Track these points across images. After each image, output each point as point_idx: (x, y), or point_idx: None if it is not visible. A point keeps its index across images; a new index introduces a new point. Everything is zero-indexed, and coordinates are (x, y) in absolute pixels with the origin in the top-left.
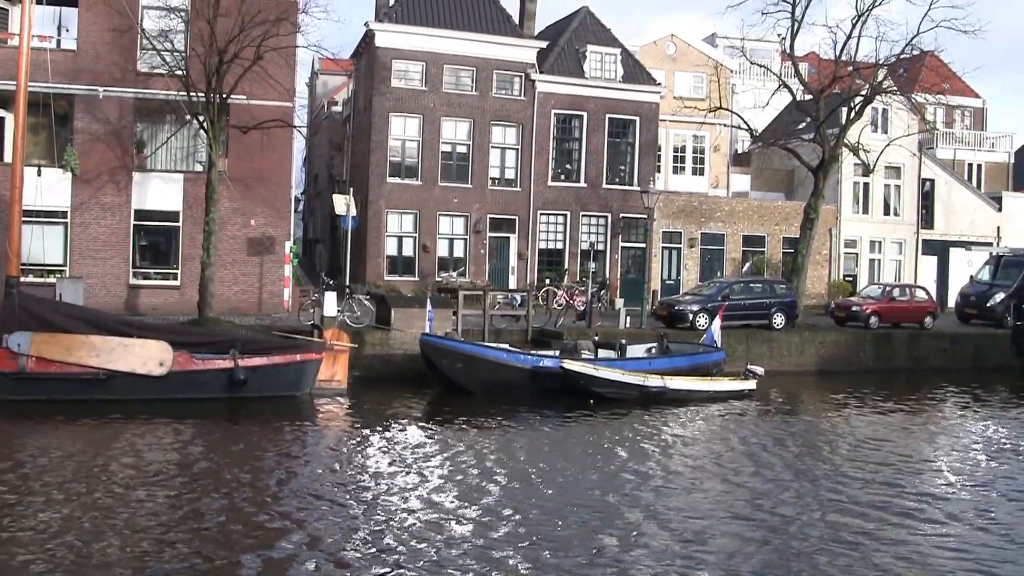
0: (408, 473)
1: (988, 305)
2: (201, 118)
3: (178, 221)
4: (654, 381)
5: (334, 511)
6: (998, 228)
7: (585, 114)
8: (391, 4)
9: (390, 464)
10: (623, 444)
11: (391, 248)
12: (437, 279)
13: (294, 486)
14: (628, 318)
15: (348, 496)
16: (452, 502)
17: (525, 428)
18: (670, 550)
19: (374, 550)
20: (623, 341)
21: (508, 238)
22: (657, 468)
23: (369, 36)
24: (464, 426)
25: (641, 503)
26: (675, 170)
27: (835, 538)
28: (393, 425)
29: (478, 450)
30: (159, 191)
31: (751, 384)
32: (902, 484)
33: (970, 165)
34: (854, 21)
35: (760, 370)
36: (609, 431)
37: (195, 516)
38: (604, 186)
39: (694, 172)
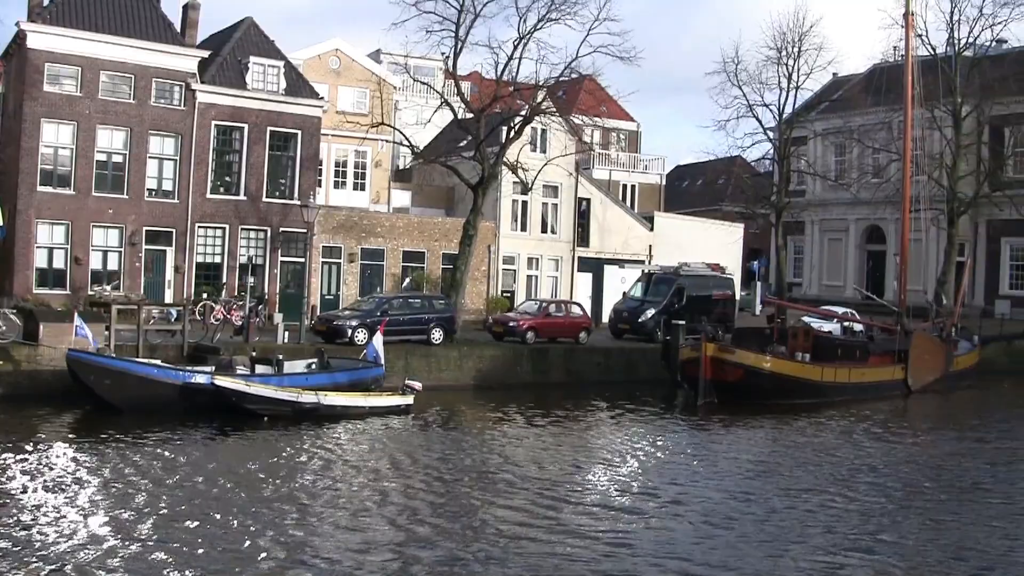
0: (48, 494)
1: (640, 321)
2: None
3: None
4: (308, 397)
5: None
6: (650, 246)
7: (246, 126)
8: (45, 4)
9: (23, 491)
10: (266, 462)
11: (41, 260)
12: (90, 292)
13: None
14: (287, 333)
15: None
16: (90, 526)
17: (168, 447)
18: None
19: None
20: (280, 357)
21: (165, 251)
22: (311, 484)
23: (21, 37)
24: (102, 446)
25: (286, 522)
26: (336, 185)
27: (485, 549)
28: (34, 446)
29: (118, 471)
30: None
31: (409, 399)
32: (550, 492)
33: (625, 186)
34: (516, 43)
35: (418, 385)
36: (254, 449)
37: None
38: (264, 199)
39: (355, 187)
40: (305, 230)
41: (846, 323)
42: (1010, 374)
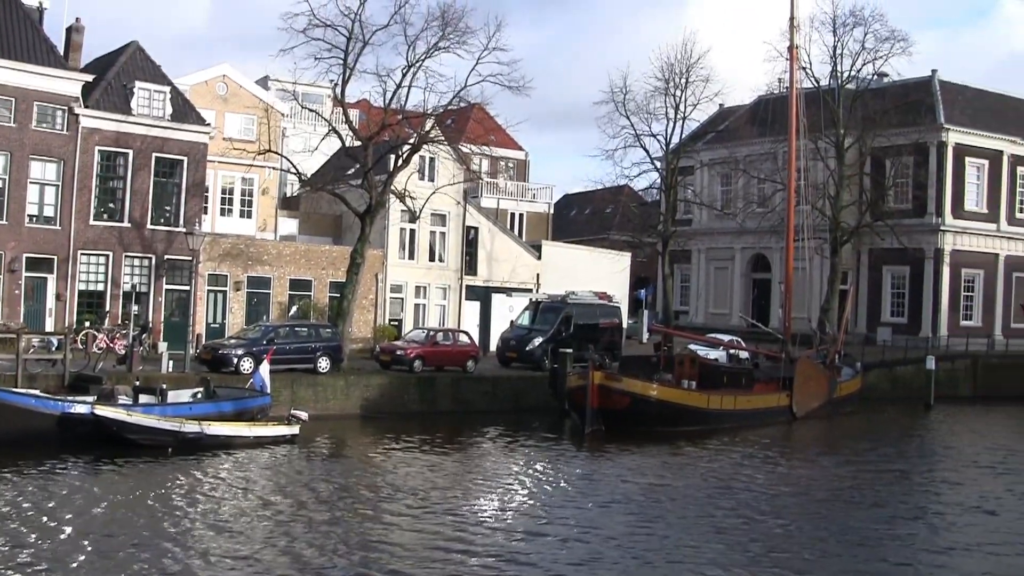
0: None
1: (527, 349)
2: None
3: None
4: (191, 427)
5: None
6: (538, 275)
7: (131, 152)
8: None
9: None
10: (141, 495)
11: None
12: None
13: None
14: (171, 362)
15: None
16: None
17: (43, 481)
18: None
19: None
20: (164, 386)
21: (46, 278)
22: (193, 513)
23: None
24: None
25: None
26: (223, 212)
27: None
28: None
29: None
30: None
31: (295, 429)
32: (436, 520)
33: (513, 214)
34: (405, 71)
35: (304, 415)
36: (129, 482)
37: None
38: (149, 226)
39: (242, 215)
40: (190, 258)
41: (732, 351)
42: (892, 400)
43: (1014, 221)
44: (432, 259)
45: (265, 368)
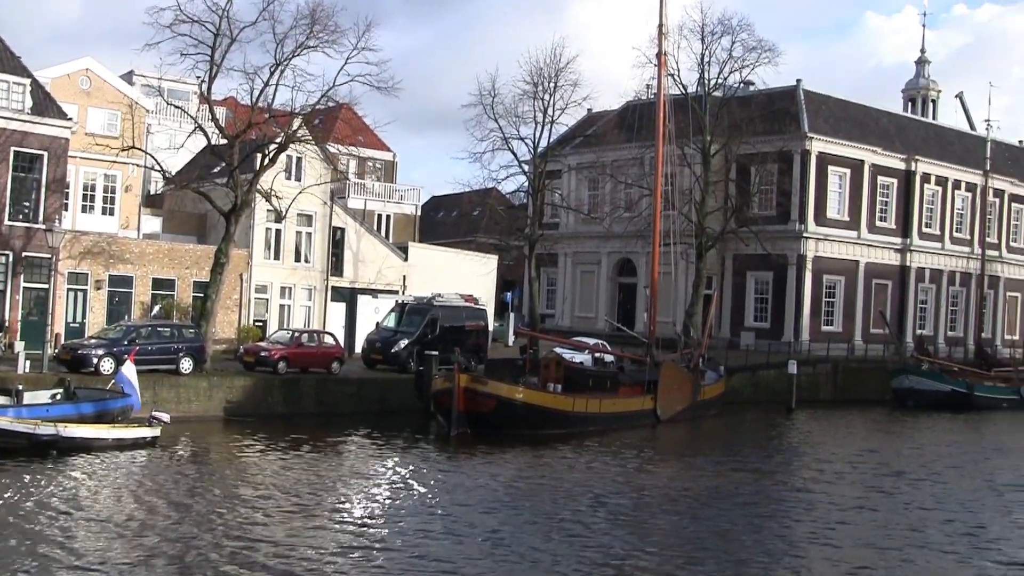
0: None
1: (393, 351)
2: None
3: None
4: (46, 429)
5: None
6: (404, 277)
7: None
8: None
9: None
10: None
11: None
12: None
13: None
14: (28, 362)
15: None
16: None
17: None
18: None
19: None
20: (20, 387)
21: None
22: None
23: None
24: None
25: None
26: (84, 209)
27: None
28: None
29: None
30: None
31: (156, 431)
32: (298, 523)
33: (380, 216)
34: (272, 69)
35: (166, 416)
36: None
37: None
38: (7, 223)
39: (105, 212)
40: (50, 255)
41: (597, 354)
42: (755, 404)
43: (874, 229)
44: (298, 260)
45: (129, 368)
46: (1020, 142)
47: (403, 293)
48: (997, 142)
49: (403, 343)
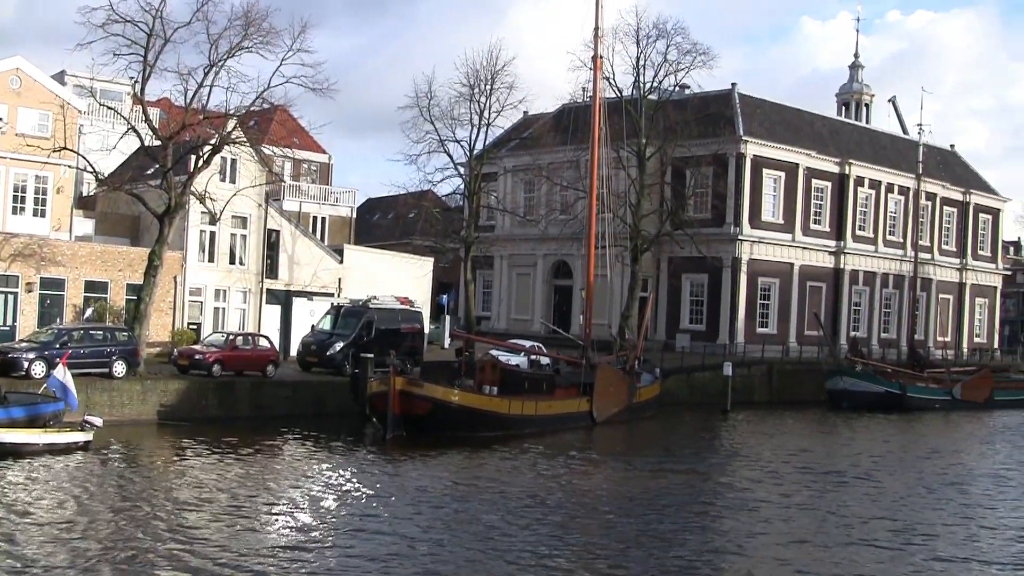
0: None
1: (328, 354)
2: None
3: None
4: None
5: None
6: (340, 279)
7: None
8: None
9: None
10: None
11: None
12: None
13: None
14: None
15: None
16: None
17: None
18: None
19: None
20: None
21: None
22: None
23: None
24: None
25: None
26: (15, 211)
27: None
28: None
29: None
30: None
31: (88, 436)
32: (232, 528)
33: (315, 218)
34: (207, 70)
35: (98, 421)
36: None
37: None
38: None
39: (36, 213)
40: None
41: (533, 356)
42: (690, 405)
43: (808, 232)
44: (232, 262)
45: (61, 372)
46: (951, 146)
47: (339, 295)
48: (929, 146)
49: (339, 346)
